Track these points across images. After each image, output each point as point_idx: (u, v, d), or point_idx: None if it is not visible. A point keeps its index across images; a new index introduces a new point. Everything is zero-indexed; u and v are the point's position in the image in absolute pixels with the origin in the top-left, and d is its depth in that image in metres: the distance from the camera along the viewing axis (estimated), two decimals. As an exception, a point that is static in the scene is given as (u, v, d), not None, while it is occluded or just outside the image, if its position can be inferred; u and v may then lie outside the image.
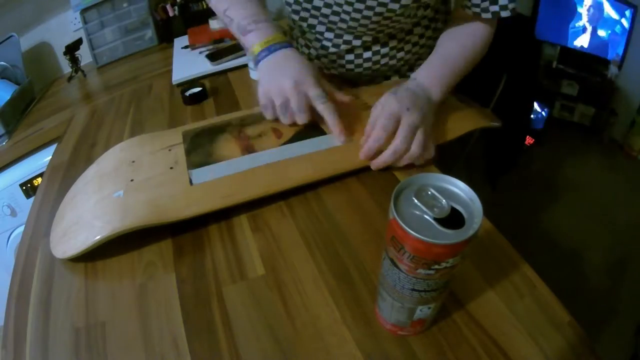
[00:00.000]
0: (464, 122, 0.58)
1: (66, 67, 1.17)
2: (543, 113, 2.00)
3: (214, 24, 1.09)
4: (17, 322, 0.40)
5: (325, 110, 0.51)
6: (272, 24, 0.55)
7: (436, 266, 0.25)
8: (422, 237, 0.23)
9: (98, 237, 0.42)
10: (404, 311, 0.30)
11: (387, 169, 0.51)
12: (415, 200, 0.25)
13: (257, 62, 0.55)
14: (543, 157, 1.93)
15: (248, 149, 0.52)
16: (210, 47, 1.00)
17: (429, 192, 0.26)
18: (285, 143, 0.53)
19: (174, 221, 0.44)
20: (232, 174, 0.49)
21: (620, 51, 1.88)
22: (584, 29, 1.96)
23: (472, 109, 0.63)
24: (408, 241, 0.24)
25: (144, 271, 0.43)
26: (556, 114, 2.14)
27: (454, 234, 0.24)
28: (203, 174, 0.49)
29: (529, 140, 1.95)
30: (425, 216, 0.25)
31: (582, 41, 1.97)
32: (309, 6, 0.62)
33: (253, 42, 0.55)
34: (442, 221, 0.25)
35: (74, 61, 1.09)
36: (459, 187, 0.27)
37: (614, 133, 2.03)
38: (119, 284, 0.42)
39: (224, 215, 0.47)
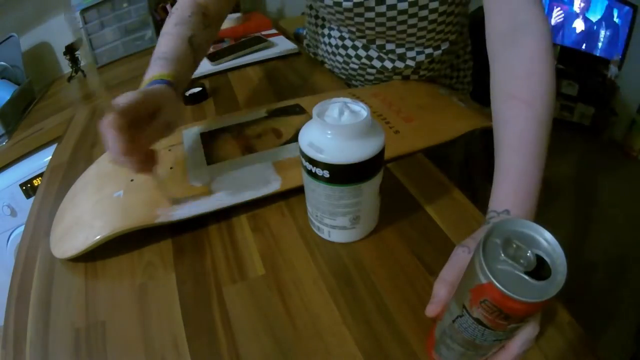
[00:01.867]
0: (464, 122, 0.58)
1: (66, 67, 1.17)
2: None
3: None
4: (17, 322, 0.40)
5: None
6: (167, 62, 0.49)
7: (529, 317, 0.25)
8: (530, 300, 0.22)
9: (98, 237, 0.42)
10: (477, 356, 0.29)
11: (387, 168, 0.51)
12: (503, 256, 0.23)
13: None
14: (543, 157, 1.93)
15: (248, 149, 0.52)
16: (210, 47, 1.00)
17: (514, 245, 0.24)
18: (285, 143, 0.53)
19: (174, 222, 0.44)
20: (232, 174, 0.49)
21: (620, 51, 1.88)
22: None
23: (472, 109, 0.63)
24: (509, 304, 0.22)
25: (144, 271, 0.43)
26: (556, 114, 2.14)
27: (547, 284, 0.22)
28: (203, 175, 0.49)
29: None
30: (516, 271, 0.23)
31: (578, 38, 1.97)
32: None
33: (145, 77, 0.48)
34: (530, 273, 0.23)
35: (74, 61, 1.09)
36: (530, 228, 0.25)
37: (614, 133, 2.03)
38: (119, 284, 0.42)
39: (224, 215, 0.47)
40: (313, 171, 0.36)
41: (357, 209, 0.39)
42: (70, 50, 1.07)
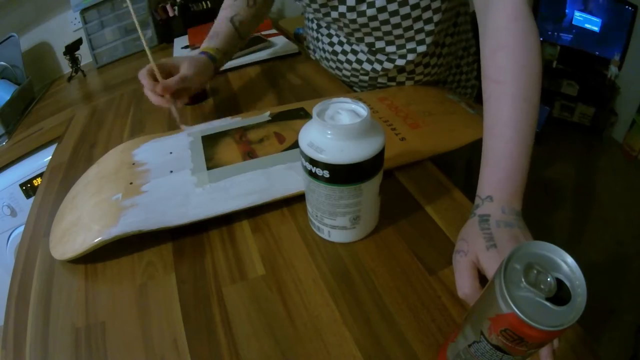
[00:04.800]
0: (471, 130, 0.56)
1: (66, 67, 1.17)
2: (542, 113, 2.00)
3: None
4: (17, 322, 0.40)
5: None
6: (210, 40, 0.68)
7: (549, 341, 0.24)
8: (554, 328, 0.21)
9: (96, 240, 0.42)
10: None
11: (389, 172, 0.51)
12: (524, 282, 0.23)
13: None
14: (543, 157, 1.93)
15: (249, 154, 0.52)
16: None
17: (535, 270, 0.23)
18: (287, 148, 0.52)
19: (172, 227, 0.44)
20: (232, 180, 0.48)
21: (620, 51, 1.88)
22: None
23: (480, 115, 0.62)
24: (532, 333, 0.22)
25: (144, 271, 0.43)
26: (556, 114, 2.15)
27: (568, 309, 0.22)
28: (203, 180, 0.49)
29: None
30: (537, 298, 0.22)
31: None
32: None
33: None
34: (551, 299, 0.22)
35: (74, 61, 1.09)
36: (550, 250, 0.24)
37: (614, 133, 2.03)
38: (119, 284, 0.42)
39: (224, 216, 0.47)
40: (313, 171, 0.36)
41: (357, 209, 0.39)
42: (70, 50, 1.07)
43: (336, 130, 0.35)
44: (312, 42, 0.79)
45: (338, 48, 0.70)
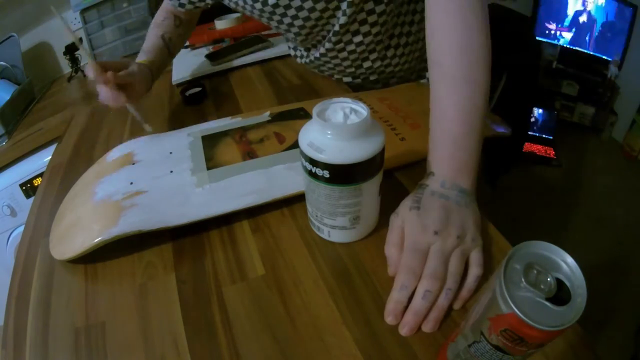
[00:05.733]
0: None
1: (66, 67, 1.17)
2: (548, 116, 1.99)
3: (220, 24, 1.08)
4: (17, 322, 0.40)
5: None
6: (144, 54, 0.68)
7: (549, 342, 0.24)
8: (555, 328, 0.21)
9: (95, 240, 0.42)
10: None
11: (389, 172, 0.51)
12: (524, 282, 0.23)
13: None
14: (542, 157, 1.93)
15: (249, 154, 0.52)
16: (210, 47, 1.00)
17: (535, 270, 0.23)
18: (288, 148, 0.52)
19: (172, 227, 0.44)
20: (232, 180, 0.48)
21: (620, 51, 1.88)
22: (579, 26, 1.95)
23: None
24: (533, 333, 0.22)
25: (144, 271, 0.43)
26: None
27: (568, 309, 0.22)
28: (203, 180, 0.49)
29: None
30: (537, 298, 0.22)
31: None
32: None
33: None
34: (551, 299, 0.22)
35: (74, 61, 1.09)
36: (551, 251, 0.24)
37: (614, 133, 2.03)
38: (119, 284, 0.42)
39: (223, 215, 0.47)
40: (313, 171, 0.36)
41: (357, 209, 0.39)
42: (70, 50, 1.07)
43: (336, 130, 0.35)
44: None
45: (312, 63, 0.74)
